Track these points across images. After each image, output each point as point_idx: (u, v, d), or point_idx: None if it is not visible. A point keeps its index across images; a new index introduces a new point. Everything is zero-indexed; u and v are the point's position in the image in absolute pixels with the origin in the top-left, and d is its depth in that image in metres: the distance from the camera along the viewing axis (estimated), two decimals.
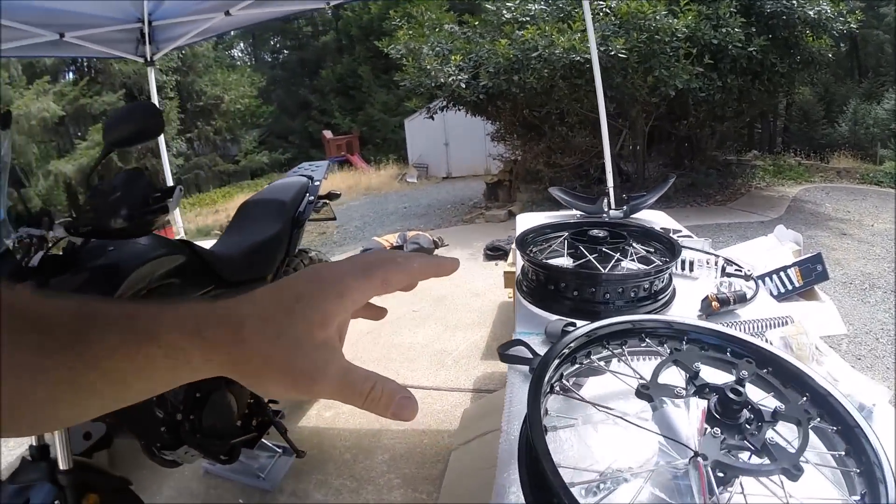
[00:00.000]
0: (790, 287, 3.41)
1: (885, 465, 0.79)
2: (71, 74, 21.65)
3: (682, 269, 1.83)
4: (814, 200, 10.47)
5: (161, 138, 5.36)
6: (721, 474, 0.80)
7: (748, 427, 0.83)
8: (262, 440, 2.66)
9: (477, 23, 10.12)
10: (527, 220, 2.48)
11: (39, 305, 0.42)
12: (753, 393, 0.93)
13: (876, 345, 4.80)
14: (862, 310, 5.53)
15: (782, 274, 3.42)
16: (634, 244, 1.71)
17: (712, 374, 0.97)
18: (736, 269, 1.78)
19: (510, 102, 9.50)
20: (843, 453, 0.87)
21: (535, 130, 10.51)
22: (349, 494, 2.82)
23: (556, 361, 0.95)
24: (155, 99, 5.39)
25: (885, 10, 17.98)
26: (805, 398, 0.94)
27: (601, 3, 8.60)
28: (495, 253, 6.89)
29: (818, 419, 0.91)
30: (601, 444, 0.93)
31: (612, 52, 7.98)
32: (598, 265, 1.57)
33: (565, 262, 1.72)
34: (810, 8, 8.89)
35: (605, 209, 2.53)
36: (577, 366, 1.03)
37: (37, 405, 0.40)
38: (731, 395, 0.83)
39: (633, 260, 1.65)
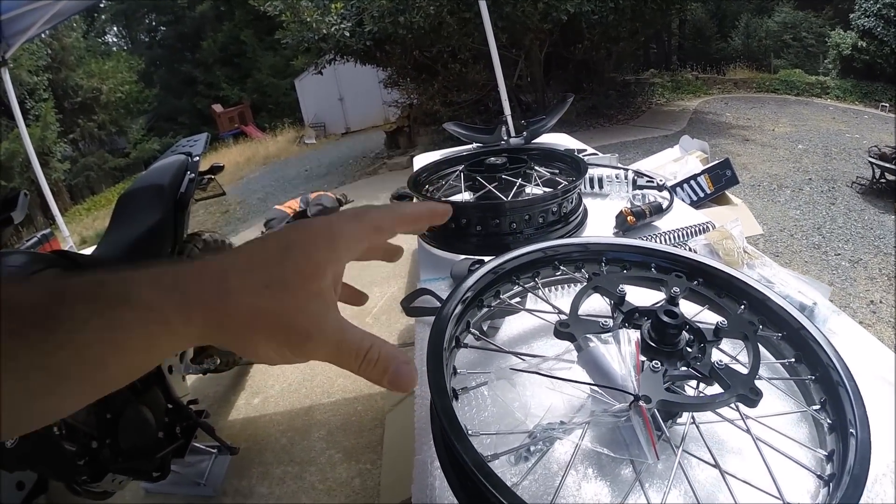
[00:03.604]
0: (702, 194, 3.42)
1: (840, 365, 0.70)
2: None
3: (592, 187, 1.74)
4: (714, 111, 10.81)
5: (29, 147, 4.91)
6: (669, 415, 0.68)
7: (690, 351, 0.72)
8: (194, 444, 2.51)
9: None
10: (424, 160, 2.32)
11: (11, 291, 0.37)
12: (687, 310, 0.82)
13: (791, 241, 4.99)
14: (773, 209, 5.75)
15: (693, 182, 3.43)
16: (537, 168, 1.59)
17: (640, 296, 0.84)
18: (648, 181, 1.71)
19: (399, 45, 9.26)
20: (794, 360, 0.79)
21: (427, 71, 10.32)
22: (293, 481, 2.72)
23: (460, 308, 0.80)
24: (13, 102, 4.83)
25: None
26: (743, 306, 0.85)
27: None
28: (402, 200, 6.78)
29: (761, 328, 0.82)
30: (526, 399, 0.78)
31: None
32: (500, 194, 1.45)
33: (465, 196, 1.59)
34: None
35: (505, 137, 2.38)
36: (485, 309, 0.88)
37: (11, 397, 0.35)
38: (666, 318, 0.70)
39: (537, 185, 1.55)
